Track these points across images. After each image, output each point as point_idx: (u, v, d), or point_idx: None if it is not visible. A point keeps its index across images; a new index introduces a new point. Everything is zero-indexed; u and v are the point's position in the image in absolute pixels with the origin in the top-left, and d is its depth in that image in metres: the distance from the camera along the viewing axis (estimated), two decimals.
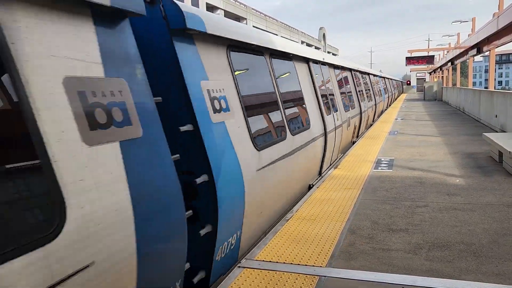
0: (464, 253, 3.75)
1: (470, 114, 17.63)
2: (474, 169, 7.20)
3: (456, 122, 15.27)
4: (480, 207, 5.06)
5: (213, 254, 3.33)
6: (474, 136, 11.19)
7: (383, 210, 5.07)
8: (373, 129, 13.74)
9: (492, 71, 15.52)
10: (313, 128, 6.54)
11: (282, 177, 4.92)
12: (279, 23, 76.63)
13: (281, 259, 3.70)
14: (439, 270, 3.43)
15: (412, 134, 12.12)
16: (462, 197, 5.53)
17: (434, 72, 49.23)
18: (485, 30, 14.77)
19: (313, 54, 7.74)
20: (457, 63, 26.68)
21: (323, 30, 78.59)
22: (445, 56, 33.44)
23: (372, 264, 3.58)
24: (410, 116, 18.74)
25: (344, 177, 6.90)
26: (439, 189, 5.95)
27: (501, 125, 11.66)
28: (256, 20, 66.38)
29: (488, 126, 13.49)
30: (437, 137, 11.41)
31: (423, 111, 21.42)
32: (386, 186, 6.25)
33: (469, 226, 4.43)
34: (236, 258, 3.85)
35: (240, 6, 62.33)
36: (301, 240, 4.16)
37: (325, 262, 3.63)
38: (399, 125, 14.92)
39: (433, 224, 4.52)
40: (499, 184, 6.13)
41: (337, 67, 10.12)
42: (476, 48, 17.14)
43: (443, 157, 8.35)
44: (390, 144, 10.31)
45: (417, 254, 3.76)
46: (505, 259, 3.61)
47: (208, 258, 3.36)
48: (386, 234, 4.29)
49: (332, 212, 5.03)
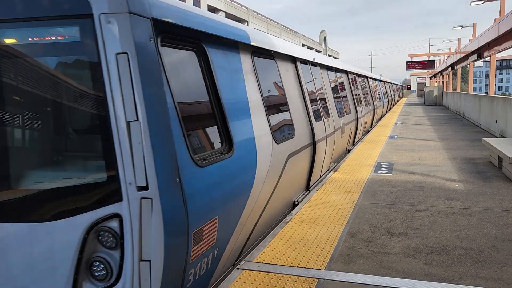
0: (463, 258, 3.76)
1: (470, 119, 17.66)
2: (473, 174, 7.21)
3: (456, 127, 15.29)
4: (479, 212, 5.07)
5: None
6: (474, 141, 11.21)
7: (382, 214, 5.08)
8: (373, 133, 13.76)
9: (492, 76, 15.56)
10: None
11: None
12: (280, 26, 76.79)
13: (280, 261, 3.71)
14: (438, 274, 3.44)
15: (412, 138, 12.14)
16: (461, 201, 5.54)
17: (435, 77, 49.31)
18: (485, 36, 14.82)
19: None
20: (458, 68, 26.73)
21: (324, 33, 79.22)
22: (445, 61, 33.51)
23: (371, 268, 3.59)
24: (410, 120, 18.76)
25: (344, 180, 6.91)
26: (438, 194, 5.96)
27: (501, 130, 11.69)
28: (257, 22, 66.53)
29: (488, 131, 13.51)
30: (437, 141, 11.43)
31: (423, 116, 21.45)
32: (386, 190, 6.26)
33: (468, 231, 4.44)
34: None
35: (241, 9, 62.49)
36: (301, 242, 4.16)
37: (324, 265, 3.63)
38: (399, 129, 14.94)
39: (432, 229, 4.53)
40: (498, 189, 6.14)
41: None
42: (477, 53, 17.19)
43: (442, 162, 8.36)
44: (390, 148, 10.33)
45: (416, 258, 3.77)
46: (504, 264, 3.61)
47: None
48: (385, 237, 4.29)
49: (331, 215, 5.04)
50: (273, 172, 4.51)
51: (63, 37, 2.52)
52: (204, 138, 3.43)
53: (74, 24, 2.46)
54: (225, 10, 57.91)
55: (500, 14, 14.11)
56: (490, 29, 14.05)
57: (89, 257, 2.45)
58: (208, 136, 3.51)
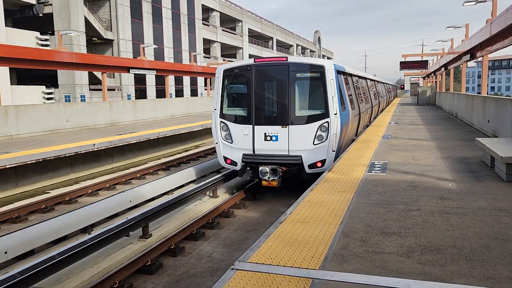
0: (456, 257, 3.79)
1: (463, 119, 17.78)
2: (466, 173, 7.26)
3: (449, 127, 15.40)
4: (472, 211, 5.10)
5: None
6: (466, 141, 11.29)
7: (376, 214, 5.10)
8: (367, 133, 13.81)
9: (485, 76, 15.67)
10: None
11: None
12: (275, 26, 76.79)
13: (274, 262, 3.71)
14: (431, 274, 3.46)
15: (405, 138, 12.20)
16: (454, 201, 5.58)
17: (428, 77, 49.57)
18: (478, 36, 14.92)
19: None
20: (451, 68, 26.90)
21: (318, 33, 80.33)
22: (438, 61, 33.71)
23: (365, 267, 3.60)
24: (403, 120, 18.86)
25: (337, 180, 6.93)
26: (431, 193, 5.99)
27: (493, 130, 11.78)
28: (251, 22, 66.52)
29: (481, 131, 13.61)
30: (430, 141, 11.50)
31: (417, 116, 21.56)
32: (380, 189, 6.28)
33: (461, 230, 4.47)
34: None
35: (236, 8, 62.39)
36: (295, 242, 4.17)
37: (318, 265, 3.64)
38: (392, 129, 15.01)
39: (426, 228, 4.56)
40: (491, 188, 6.19)
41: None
42: (470, 53, 17.31)
43: (435, 162, 8.41)
44: (384, 148, 10.37)
45: (409, 258, 3.79)
46: (496, 263, 3.64)
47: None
48: (379, 237, 4.31)
49: (325, 215, 5.06)
50: (352, 119, 11.07)
51: (315, 73, 9.29)
52: (342, 104, 9.76)
53: (319, 70, 9.26)
54: (220, 9, 57.79)
55: (492, 14, 14.22)
56: (482, 29, 14.15)
57: (318, 133, 9.23)
58: (343, 103, 10.08)
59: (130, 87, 40.48)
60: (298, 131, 9.25)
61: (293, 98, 9.28)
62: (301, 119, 9.29)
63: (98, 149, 13.52)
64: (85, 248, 6.03)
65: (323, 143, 9.21)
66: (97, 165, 14.40)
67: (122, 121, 21.07)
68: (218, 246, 7.44)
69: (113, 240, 6.75)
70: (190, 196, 9.21)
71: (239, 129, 9.60)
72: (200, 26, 52.10)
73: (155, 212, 7.77)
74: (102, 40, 38.82)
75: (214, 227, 8.30)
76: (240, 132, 9.58)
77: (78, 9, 33.66)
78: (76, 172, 13.51)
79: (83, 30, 34.20)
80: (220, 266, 6.58)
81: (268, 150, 9.44)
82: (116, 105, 20.95)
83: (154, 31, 43.64)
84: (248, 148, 9.57)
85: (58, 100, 33.44)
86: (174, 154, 17.76)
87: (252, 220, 8.88)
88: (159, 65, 27.62)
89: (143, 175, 13.25)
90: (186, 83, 49.04)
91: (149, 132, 16.46)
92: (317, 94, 9.32)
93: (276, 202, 10.17)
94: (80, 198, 10.74)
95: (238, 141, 9.65)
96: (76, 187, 11.65)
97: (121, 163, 15.48)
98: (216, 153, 11.61)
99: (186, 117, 25.73)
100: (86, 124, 18.71)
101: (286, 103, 9.30)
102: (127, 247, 6.98)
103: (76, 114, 18.17)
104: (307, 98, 9.38)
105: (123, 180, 12.39)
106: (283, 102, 9.33)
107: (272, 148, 9.38)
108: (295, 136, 9.25)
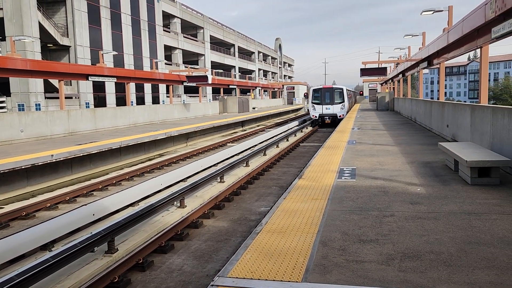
0: (435, 263, 3.80)
1: (422, 124, 18.39)
2: (432, 177, 7.43)
3: (410, 132, 15.86)
4: (443, 216, 5.19)
5: None
6: (428, 146, 11.63)
7: (351, 221, 5.08)
8: (332, 139, 13.97)
9: (442, 82, 16.30)
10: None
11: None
12: (236, 33, 76.98)
13: (255, 275, 3.58)
14: (413, 281, 3.44)
15: (370, 144, 12.42)
16: (425, 205, 5.67)
17: (386, 83, 51.21)
18: (435, 44, 15.50)
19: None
20: (408, 75, 27.87)
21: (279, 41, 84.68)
22: (396, 68, 34.89)
23: (348, 278, 3.54)
24: (366, 125, 19.28)
25: (309, 187, 6.89)
26: (402, 198, 6.07)
27: (452, 134, 12.21)
28: (213, 29, 66.32)
29: (440, 135, 14.10)
30: (394, 146, 11.77)
31: (378, 121, 22.12)
32: (352, 196, 6.30)
33: (436, 235, 4.52)
34: None
35: (197, 15, 62.01)
36: (274, 254, 4.05)
37: (300, 277, 3.54)
38: (356, 134, 15.28)
39: (402, 234, 4.58)
40: (458, 192, 6.35)
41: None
42: (427, 60, 17.96)
43: (402, 166, 8.58)
44: (350, 154, 10.50)
45: (390, 265, 3.77)
46: (474, 267, 3.68)
47: None
48: (357, 245, 4.28)
49: (302, 223, 4.98)
50: (349, 105, 32.98)
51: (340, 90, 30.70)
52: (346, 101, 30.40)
53: (341, 88, 30.87)
54: (181, 16, 57.24)
55: (448, 23, 14.82)
56: (439, 38, 14.72)
57: (341, 107, 29.94)
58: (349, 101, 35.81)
59: (89, 95, 39.17)
60: (335, 106, 29.25)
61: (334, 97, 29.44)
62: (336, 102, 29.37)
63: (57, 160, 12.88)
64: (46, 267, 5.63)
65: (342, 110, 29.11)
66: (55, 176, 13.71)
67: (81, 130, 20.29)
68: (188, 258, 7.20)
69: (76, 257, 6.36)
70: (157, 207, 8.89)
71: (318, 106, 29.46)
72: (161, 32, 51.35)
73: (120, 225, 7.42)
74: (58, 47, 37.39)
75: (183, 239, 8.04)
76: (318, 107, 29.47)
77: (31, 14, 32.28)
78: (32, 185, 12.79)
79: (37, 36, 32.81)
80: (192, 279, 6.35)
81: (326, 112, 29.32)
82: (75, 113, 20.15)
83: (113, 37, 42.56)
84: (320, 112, 29.43)
85: (11, 109, 31.82)
86: (137, 164, 17.24)
87: (222, 230, 8.69)
88: (119, 72, 26.88)
89: (106, 186, 12.73)
90: (148, 90, 48.09)
91: (110, 142, 15.90)
92: (341, 96, 29.56)
93: (246, 211, 10.03)
94: (38, 213, 10.14)
95: (317, 110, 29.49)
96: (33, 201, 11.00)
97: (81, 174, 14.83)
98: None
99: (149, 125, 25.13)
100: (43, 134, 17.85)
101: (332, 98, 29.52)
102: (92, 264, 6.60)
103: (31, 124, 17.30)
104: (338, 97, 29.48)
105: (84, 192, 11.84)
106: (332, 98, 29.51)
107: (328, 112, 29.29)
108: (334, 108, 29.19)
